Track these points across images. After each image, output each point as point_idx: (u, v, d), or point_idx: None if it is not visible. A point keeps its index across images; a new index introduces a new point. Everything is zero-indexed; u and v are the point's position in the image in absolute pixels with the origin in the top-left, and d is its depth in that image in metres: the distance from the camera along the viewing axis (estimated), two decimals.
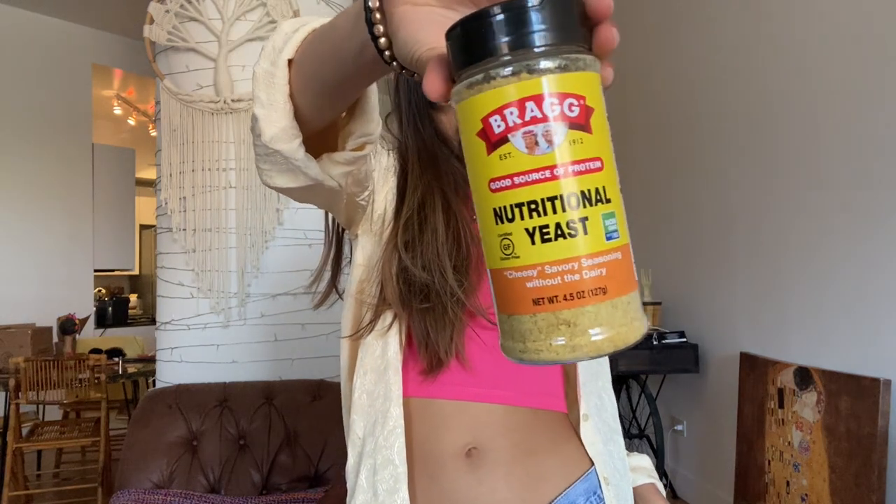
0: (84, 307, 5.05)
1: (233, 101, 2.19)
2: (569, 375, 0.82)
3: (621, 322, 0.31)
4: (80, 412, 4.16)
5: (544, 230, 0.31)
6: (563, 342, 0.31)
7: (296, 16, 2.22)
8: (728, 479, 2.91)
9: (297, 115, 0.57)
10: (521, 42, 0.31)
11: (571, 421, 0.80)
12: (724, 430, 3.00)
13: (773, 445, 2.51)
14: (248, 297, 2.21)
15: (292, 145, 0.57)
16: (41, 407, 4.29)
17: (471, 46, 0.32)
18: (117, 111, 6.70)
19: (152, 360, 3.72)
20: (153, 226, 4.62)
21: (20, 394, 3.23)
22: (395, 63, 0.43)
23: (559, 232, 0.31)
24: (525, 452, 0.75)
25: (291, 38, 0.54)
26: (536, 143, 0.30)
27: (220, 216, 2.21)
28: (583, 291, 0.31)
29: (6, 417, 3.35)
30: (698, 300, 3.27)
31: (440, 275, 0.72)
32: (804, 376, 2.41)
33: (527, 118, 0.30)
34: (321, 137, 0.63)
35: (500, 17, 0.31)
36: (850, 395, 2.17)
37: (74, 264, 5.21)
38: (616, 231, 0.32)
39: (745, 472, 2.70)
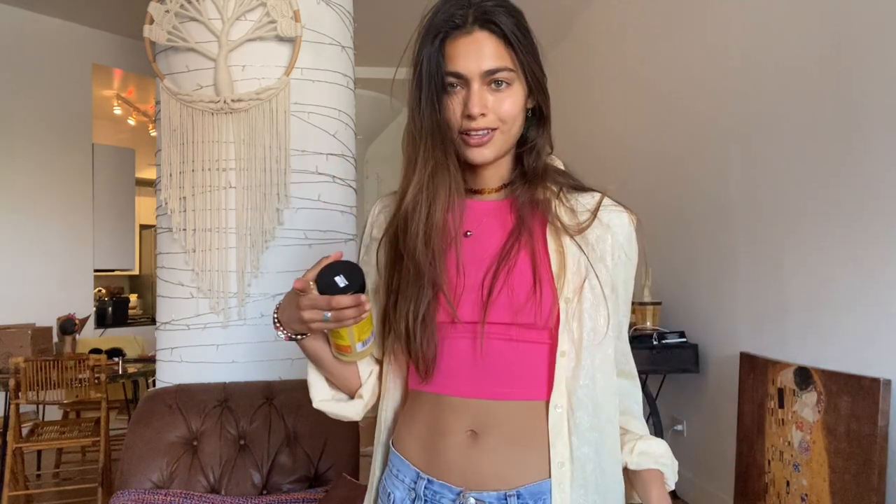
0: (84, 307, 5.04)
1: (233, 101, 2.19)
2: (534, 367, 0.92)
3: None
4: (80, 412, 4.16)
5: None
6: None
7: (296, 16, 2.22)
8: (728, 479, 2.91)
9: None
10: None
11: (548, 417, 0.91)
12: (724, 431, 3.00)
13: (773, 445, 2.51)
14: (248, 297, 2.20)
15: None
16: (41, 407, 4.29)
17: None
18: (117, 111, 6.70)
19: (152, 360, 3.71)
20: (153, 226, 4.62)
21: (20, 394, 3.23)
22: (291, 335, 1.06)
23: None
24: (510, 441, 0.89)
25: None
26: None
27: (220, 216, 2.21)
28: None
29: (6, 417, 3.35)
30: (698, 300, 3.27)
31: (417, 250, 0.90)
32: (804, 376, 2.41)
33: None
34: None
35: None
36: (850, 395, 2.17)
37: (74, 264, 5.20)
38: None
39: (745, 472, 2.70)
